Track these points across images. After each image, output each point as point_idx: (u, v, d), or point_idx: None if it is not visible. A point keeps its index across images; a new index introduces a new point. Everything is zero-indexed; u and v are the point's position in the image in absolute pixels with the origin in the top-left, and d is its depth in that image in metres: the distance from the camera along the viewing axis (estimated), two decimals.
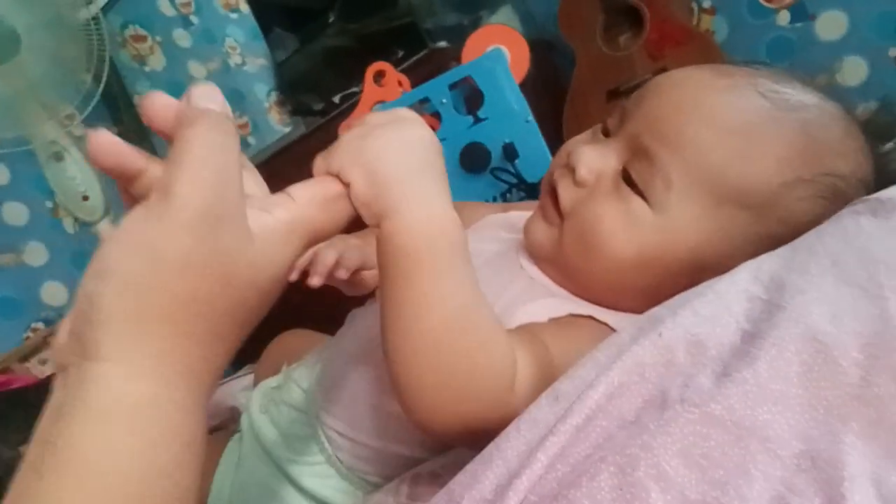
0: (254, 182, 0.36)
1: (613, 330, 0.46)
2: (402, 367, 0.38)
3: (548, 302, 0.49)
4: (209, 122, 0.32)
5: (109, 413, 0.29)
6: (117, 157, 0.33)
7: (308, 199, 0.35)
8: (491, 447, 0.35)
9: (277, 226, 0.33)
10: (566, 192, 0.50)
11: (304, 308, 0.53)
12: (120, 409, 0.29)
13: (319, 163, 0.39)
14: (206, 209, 0.30)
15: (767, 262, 0.38)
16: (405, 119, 0.39)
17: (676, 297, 0.40)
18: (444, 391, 0.37)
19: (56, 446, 0.28)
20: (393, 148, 0.37)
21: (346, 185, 0.37)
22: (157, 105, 0.33)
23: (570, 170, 0.50)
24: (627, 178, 0.48)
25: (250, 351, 0.50)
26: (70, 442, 0.28)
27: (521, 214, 0.61)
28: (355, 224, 0.39)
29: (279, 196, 0.35)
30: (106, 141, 0.32)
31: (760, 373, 0.31)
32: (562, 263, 0.51)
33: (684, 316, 0.35)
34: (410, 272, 0.37)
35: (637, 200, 0.47)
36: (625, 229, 0.47)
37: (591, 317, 0.48)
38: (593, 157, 0.49)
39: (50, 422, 0.29)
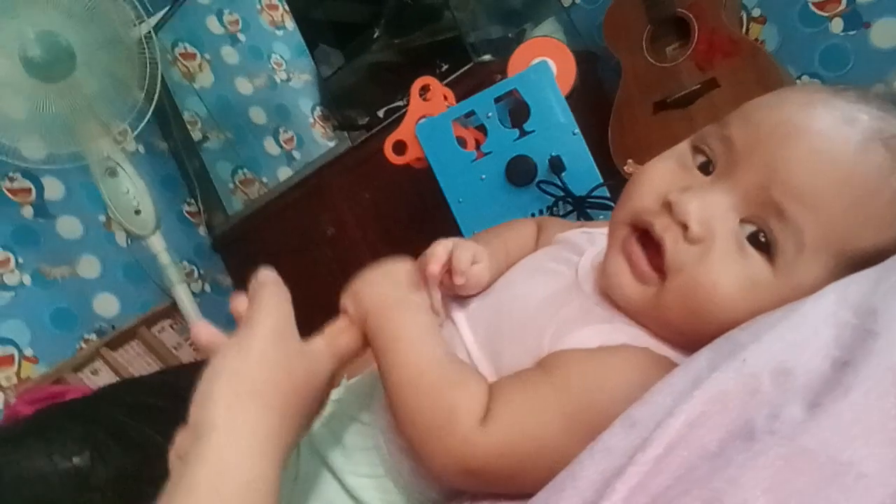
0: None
1: (674, 363, 0.44)
2: (396, 420, 0.48)
3: (603, 328, 0.47)
4: (273, 283, 0.49)
5: (217, 461, 0.40)
6: (213, 338, 0.48)
7: (332, 331, 0.52)
8: (563, 474, 0.34)
9: (317, 346, 0.50)
10: (675, 249, 0.44)
11: None
12: (223, 459, 0.40)
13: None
14: (275, 328, 0.46)
15: (854, 285, 0.37)
16: (382, 265, 0.56)
17: (757, 321, 0.38)
18: (419, 438, 0.45)
19: None
20: (365, 284, 0.54)
21: (344, 308, 0.53)
22: (203, 333, 0.48)
23: (678, 223, 0.44)
24: (752, 237, 0.43)
25: None
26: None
27: (583, 234, 0.60)
28: None
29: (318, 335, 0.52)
30: (206, 330, 0.48)
31: (856, 404, 0.29)
32: (651, 318, 0.47)
33: (769, 342, 0.34)
34: (378, 348, 0.50)
35: (759, 262, 0.43)
36: (744, 296, 0.42)
37: (647, 349, 0.45)
38: (708, 210, 0.43)
39: (172, 479, 0.41)
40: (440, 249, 0.54)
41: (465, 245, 0.54)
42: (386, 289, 0.53)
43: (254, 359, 0.44)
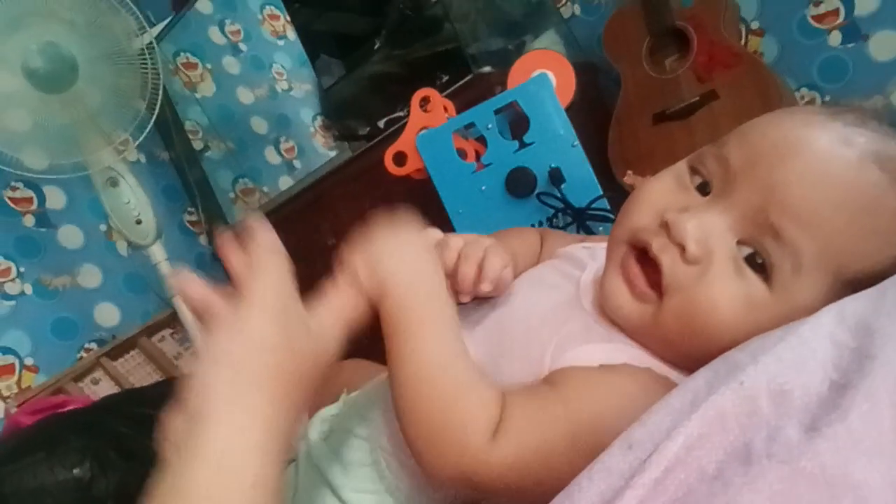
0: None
1: (674, 383, 0.44)
2: (399, 419, 0.46)
3: (604, 347, 0.47)
4: (272, 251, 0.46)
5: (219, 461, 0.37)
6: (207, 298, 0.44)
7: (337, 304, 0.48)
8: (562, 496, 0.34)
9: (323, 322, 0.46)
10: (672, 269, 0.44)
11: (360, 338, 0.53)
12: (226, 458, 0.37)
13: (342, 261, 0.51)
14: (277, 303, 0.43)
15: (851, 305, 0.37)
16: (402, 232, 0.52)
17: (754, 341, 0.38)
18: (425, 440, 0.44)
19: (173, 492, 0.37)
20: (385, 253, 0.50)
21: (354, 274, 0.49)
22: (195, 289, 0.44)
23: (676, 243, 0.44)
24: (749, 258, 0.43)
25: None
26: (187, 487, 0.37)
27: (584, 248, 0.60)
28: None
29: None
30: (198, 287, 0.44)
31: (853, 427, 0.29)
32: (649, 336, 0.47)
33: (766, 363, 0.34)
34: (394, 333, 0.47)
35: (756, 282, 0.43)
36: (741, 316, 0.43)
37: (648, 369, 0.46)
38: (705, 231, 0.44)
39: (168, 476, 0.38)
40: (453, 246, 0.52)
41: (496, 250, 0.53)
42: (411, 266, 0.50)
43: (254, 342, 0.41)
